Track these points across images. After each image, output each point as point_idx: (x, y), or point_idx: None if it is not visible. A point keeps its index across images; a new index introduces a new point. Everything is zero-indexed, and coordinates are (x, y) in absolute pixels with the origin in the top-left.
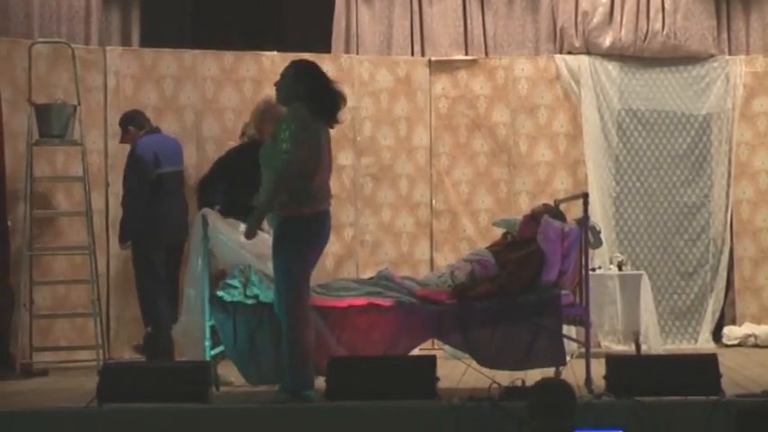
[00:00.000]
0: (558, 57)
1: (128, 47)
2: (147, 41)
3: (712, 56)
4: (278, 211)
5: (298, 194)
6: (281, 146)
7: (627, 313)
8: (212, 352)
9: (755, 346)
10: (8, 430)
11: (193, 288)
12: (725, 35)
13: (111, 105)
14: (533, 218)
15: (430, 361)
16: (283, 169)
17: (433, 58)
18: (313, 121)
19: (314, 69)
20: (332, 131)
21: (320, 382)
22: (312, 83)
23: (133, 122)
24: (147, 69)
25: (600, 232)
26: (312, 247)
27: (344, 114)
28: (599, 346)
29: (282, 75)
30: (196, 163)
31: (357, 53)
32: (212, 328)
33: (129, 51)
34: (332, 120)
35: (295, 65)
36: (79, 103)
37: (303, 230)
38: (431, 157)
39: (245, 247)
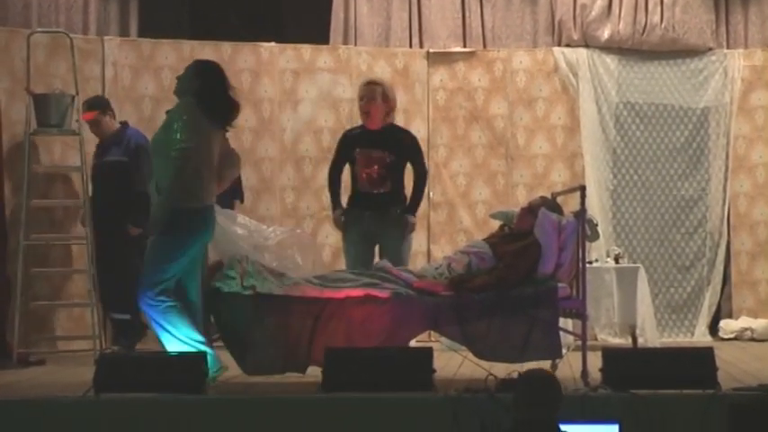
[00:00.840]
0: (556, 49)
1: (126, 37)
2: (145, 32)
3: (710, 49)
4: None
5: (190, 187)
6: (175, 136)
7: (623, 306)
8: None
9: (752, 339)
10: (5, 420)
11: None
12: (723, 29)
13: (109, 95)
14: (530, 210)
15: (427, 353)
16: (183, 159)
17: (431, 50)
18: (202, 117)
19: (214, 70)
20: (329, 122)
21: (317, 372)
22: (207, 82)
23: (110, 109)
24: (145, 60)
25: (597, 225)
26: (195, 241)
27: (238, 121)
28: (595, 338)
29: (186, 68)
30: None
31: (355, 45)
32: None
33: (128, 41)
34: (222, 123)
35: (198, 62)
36: (77, 93)
37: (190, 223)
38: (428, 148)
39: (242, 238)
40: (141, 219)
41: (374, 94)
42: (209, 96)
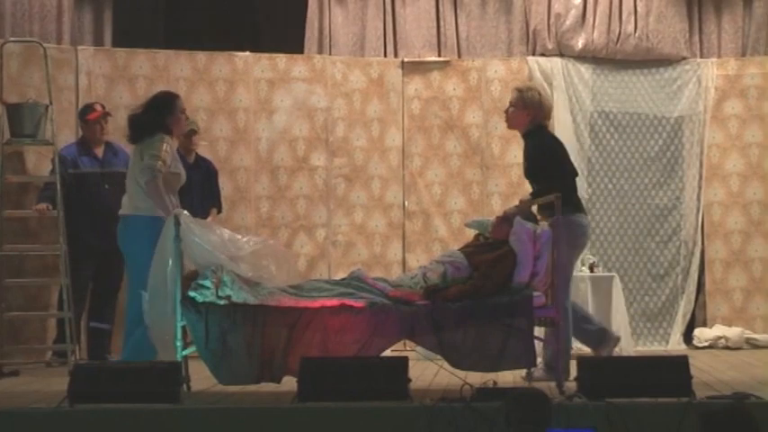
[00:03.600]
0: (530, 58)
1: (100, 46)
2: (119, 41)
3: (684, 58)
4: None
5: None
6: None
7: (598, 315)
8: (184, 352)
9: (726, 348)
10: None
11: (164, 289)
12: (697, 38)
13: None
14: (506, 219)
15: (402, 362)
16: None
17: (406, 60)
18: None
19: None
20: (304, 131)
21: (292, 382)
22: None
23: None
24: (120, 69)
25: None
26: None
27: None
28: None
29: None
30: None
31: (330, 54)
32: (184, 328)
33: (102, 51)
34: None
35: None
36: (51, 103)
37: None
38: (403, 158)
39: (217, 248)
40: None
41: (511, 101)
42: None
